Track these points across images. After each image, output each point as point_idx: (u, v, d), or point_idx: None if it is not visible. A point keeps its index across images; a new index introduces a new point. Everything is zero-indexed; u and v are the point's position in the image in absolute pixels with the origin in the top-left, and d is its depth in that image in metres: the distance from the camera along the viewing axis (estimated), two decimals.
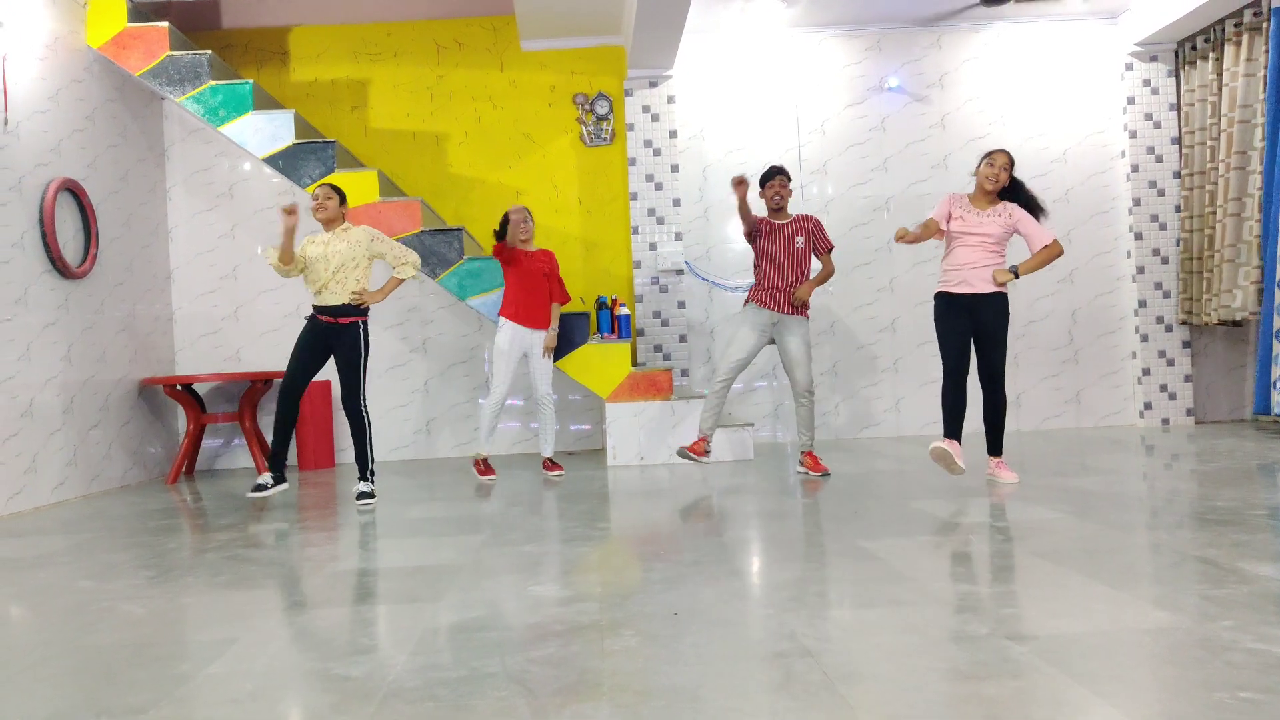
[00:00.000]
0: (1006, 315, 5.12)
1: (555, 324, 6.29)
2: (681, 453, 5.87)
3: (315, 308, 5.51)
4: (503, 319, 6.15)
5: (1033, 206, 5.14)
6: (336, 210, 5.51)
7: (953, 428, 5.12)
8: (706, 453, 5.87)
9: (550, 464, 6.30)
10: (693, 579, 3.28)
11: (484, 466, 6.23)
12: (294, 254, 5.44)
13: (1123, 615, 2.64)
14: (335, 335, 5.48)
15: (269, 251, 5.47)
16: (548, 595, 3.15)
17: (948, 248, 5.18)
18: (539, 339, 6.19)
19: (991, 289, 5.09)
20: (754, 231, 5.78)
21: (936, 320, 5.19)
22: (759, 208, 6.19)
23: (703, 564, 3.51)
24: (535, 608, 3.00)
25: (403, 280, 5.64)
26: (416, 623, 2.89)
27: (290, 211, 5.33)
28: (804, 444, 5.79)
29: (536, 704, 2.17)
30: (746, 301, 5.86)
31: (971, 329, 5.11)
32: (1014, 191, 5.17)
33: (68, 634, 2.97)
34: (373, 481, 5.50)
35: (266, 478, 5.62)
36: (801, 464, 5.80)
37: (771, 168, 5.85)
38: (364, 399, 5.53)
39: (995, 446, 5.21)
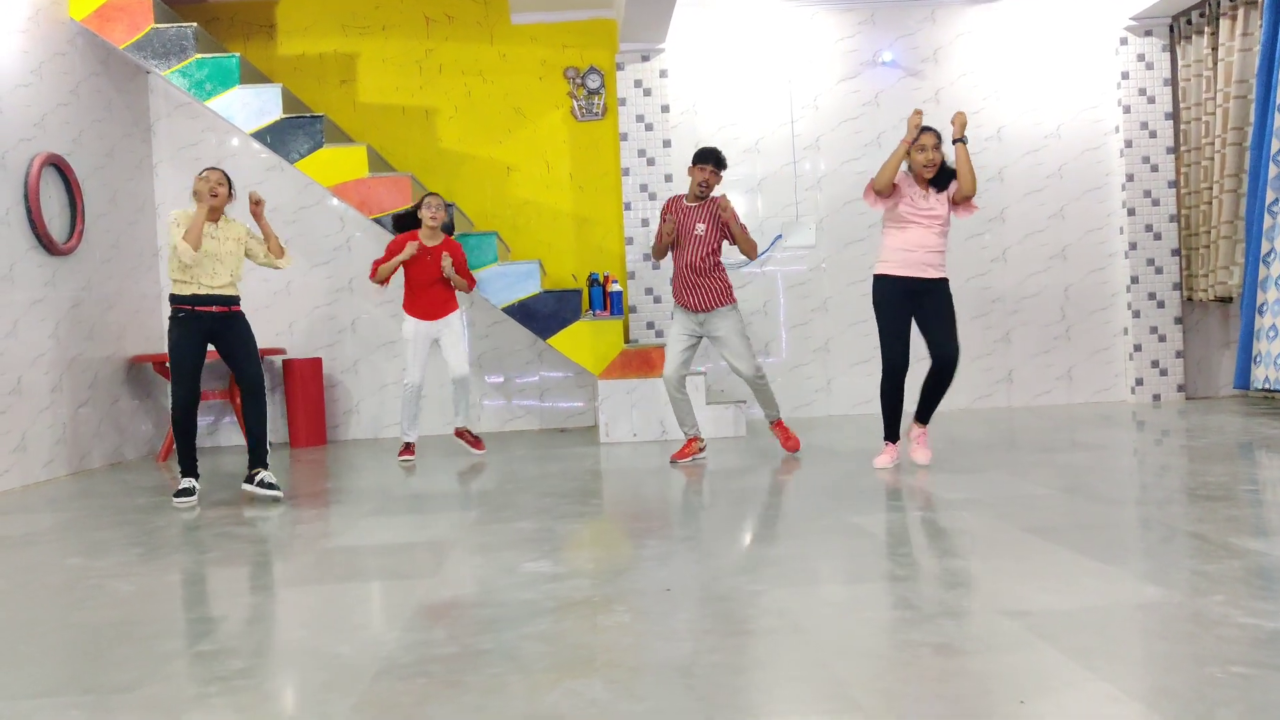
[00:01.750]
0: (950, 297, 4.92)
1: (455, 277, 6.01)
2: (675, 464, 5.46)
3: (198, 298, 4.93)
4: (404, 312, 6.12)
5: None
6: (226, 199, 5.02)
7: (894, 427, 5.01)
8: (702, 446, 5.55)
9: (468, 437, 6.28)
10: (685, 555, 3.28)
11: (405, 449, 6.16)
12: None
13: (1114, 590, 2.64)
14: (226, 324, 5.02)
15: (179, 244, 4.81)
16: (540, 571, 3.14)
17: (893, 225, 4.89)
18: (444, 326, 6.10)
19: (940, 275, 4.88)
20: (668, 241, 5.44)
21: (879, 306, 4.93)
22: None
23: (695, 540, 3.51)
24: (528, 584, 2.99)
25: (278, 261, 5.21)
26: (409, 599, 2.88)
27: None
28: (771, 416, 5.62)
29: (529, 680, 2.16)
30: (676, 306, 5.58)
31: (912, 315, 4.92)
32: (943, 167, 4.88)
33: (56, 612, 2.95)
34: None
35: (192, 482, 4.99)
36: (774, 435, 5.68)
37: (710, 150, 5.43)
38: None
39: (925, 415, 5.03)
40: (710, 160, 5.39)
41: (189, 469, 5.04)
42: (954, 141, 4.80)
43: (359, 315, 7.71)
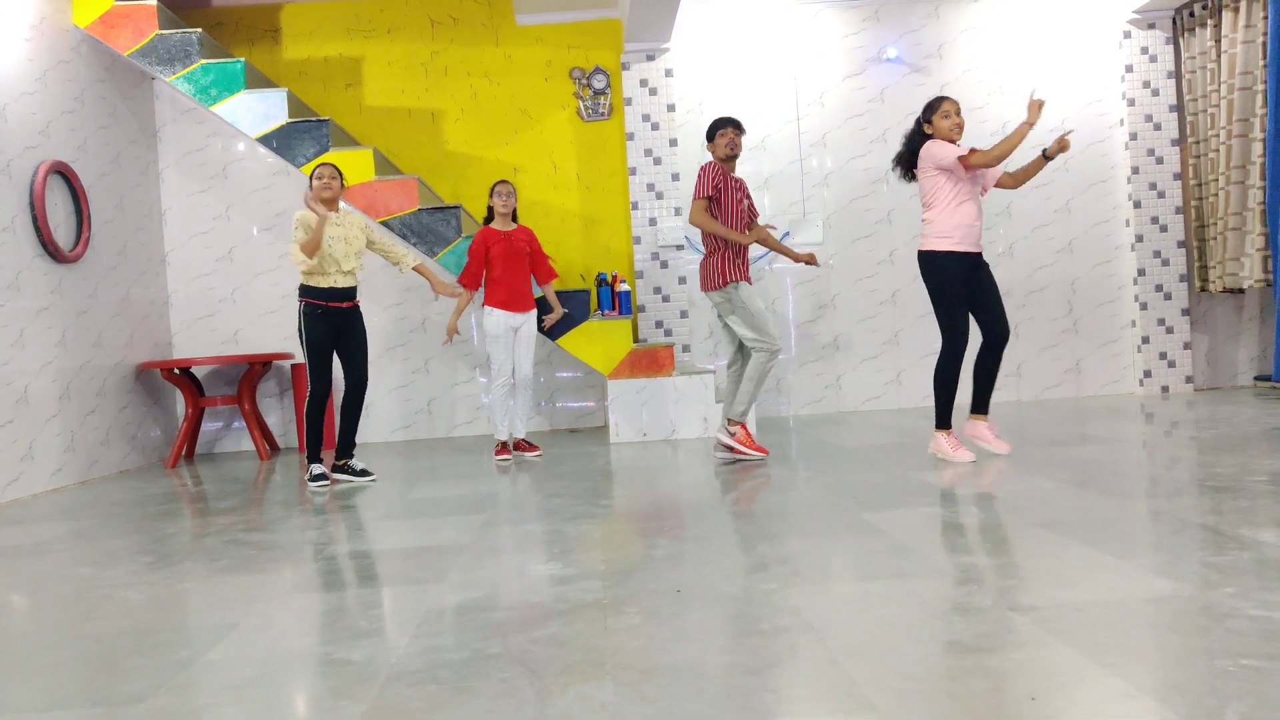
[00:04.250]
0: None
1: (557, 306, 6.37)
2: (732, 458, 5.32)
3: (327, 292, 5.30)
4: (488, 307, 6.09)
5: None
6: (340, 190, 5.36)
7: (948, 414, 4.91)
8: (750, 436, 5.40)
9: (525, 444, 6.24)
10: (695, 555, 3.27)
11: (501, 448, 6.14)
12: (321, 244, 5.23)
13: (1124, 584, 2.63)
14: (348, 320, 5.43)
15: (294, 249, 5.16)
16: (550, 574, 3.14)
17: (949, 202, 4.81)
18: (524, 321, 6.12)
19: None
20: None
21: (945, 284, 4.79)
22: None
23: (705, 540, 3.51)
24: (537, 587, 2.99)
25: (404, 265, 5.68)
26: (418, 604, 2.88)
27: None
28: (740, 413, 5.33)
29: (540, 685, 2.16)
30: (736, 281, 5.27)
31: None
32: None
33: (66, 622, 2.96)
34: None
35: (323, 469, 5.46)
36: (731, 435, 5.36)
37: (723, 118, 5.38)
38: None
39: (983, 404, 4.99)
40: (730, 124, 5.34)
41: (316, 455, 5.43)
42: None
43: (367, 321, 7.70)
